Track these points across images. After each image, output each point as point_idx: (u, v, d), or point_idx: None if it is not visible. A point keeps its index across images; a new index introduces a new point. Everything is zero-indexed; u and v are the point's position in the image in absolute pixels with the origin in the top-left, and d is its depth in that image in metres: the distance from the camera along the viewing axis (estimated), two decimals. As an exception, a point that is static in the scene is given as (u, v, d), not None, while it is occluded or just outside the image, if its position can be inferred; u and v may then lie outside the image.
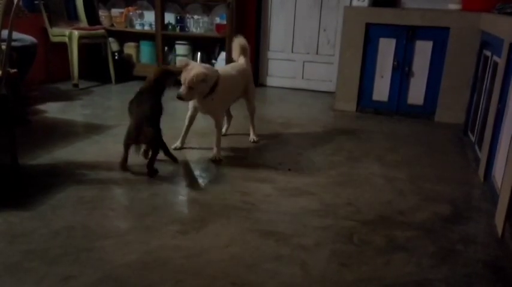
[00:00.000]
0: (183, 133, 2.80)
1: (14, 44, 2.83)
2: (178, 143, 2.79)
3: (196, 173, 2.53)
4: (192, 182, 2.39)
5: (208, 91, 2.55)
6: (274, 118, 3.73)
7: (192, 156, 2.75)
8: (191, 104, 2.71)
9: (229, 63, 3.15)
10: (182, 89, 2.46)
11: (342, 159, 2.80)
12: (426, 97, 3.80)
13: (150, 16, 4.84)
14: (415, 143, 3.22)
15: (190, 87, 2.45)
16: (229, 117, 3.18)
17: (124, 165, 2.40)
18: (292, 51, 4.86)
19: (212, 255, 1.68)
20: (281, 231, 1.88)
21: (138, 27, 4.90)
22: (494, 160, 2.33)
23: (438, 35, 3.65)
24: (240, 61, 2.98)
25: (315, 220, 1.99)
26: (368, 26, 3.79)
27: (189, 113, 2.76)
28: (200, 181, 2.41)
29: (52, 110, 3.59)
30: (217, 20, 4.73)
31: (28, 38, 3.48)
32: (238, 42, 2.98)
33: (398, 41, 3.75)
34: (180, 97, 2.46)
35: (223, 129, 3.06)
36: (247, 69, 2.98)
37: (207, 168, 2.58)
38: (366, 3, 4.03)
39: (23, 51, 3.38)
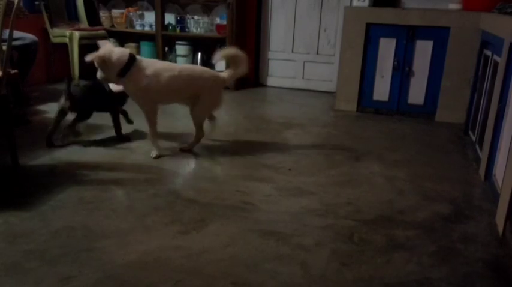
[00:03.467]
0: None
1: (14, 43, 2.84)
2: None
3: (196, 173, 2.53)
4: (192, 182, 2.39)
5: (115, 73, 2.55)
6: (274, 118, 3.73)
7: (191, 155, 2.75)
8: None
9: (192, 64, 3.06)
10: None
11: (342, 158, 2.79)
12: (427, 97, 3.80)
13: (150, 17, 4.85)
14: (415, 142, 3.22)
15: (99, 67, 2.59)
16: (211, 118, 2.94)
17: None
18: (292, 51, 4.86)
19: (212, 255, 1.68)
20: (281, 231, 1.88)
21: (138, 28, 4.91)
22: (494, 159, 2.33)
23: (438, 35, 3.65)
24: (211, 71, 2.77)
25: (315, 220, 1.99)
26: (368, 26, 3.79)
27: None
28: (200, 180, 2.41)
29: (52, 110, 3.55)
30: (218, 21, 4.74)
31: (29, 36, 3.49)
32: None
33: (399, 40, 3.75)
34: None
35: (207, 132, 2.87)
36: (206, 78, 2.69)
37: (207, 168, 2.58)
38: (366, 3, 4.03)
39: (24, 49, 3.39)
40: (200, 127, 2.76)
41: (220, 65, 4.69)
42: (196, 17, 4.80)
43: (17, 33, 2.99)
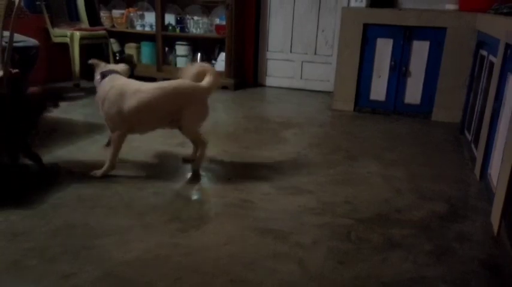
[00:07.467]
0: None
1: (16, 44, 2.85)
2: None
3: (195, 172, 2.54)
4: (191, 181, 2.40)
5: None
6: (272, 118, 3.75)
7: (189, 155, 2.76)
8: None
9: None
10: None
11: (340, 158, 2.81)
12: (423, 96, 3.82)
13: (150, 17, 4.87)
14: (412, 142, 3.24)
15: None
16: (199, 144, 2.52)
17: None
18: (290, 52, 4.88)
19: (211, 253, 1.70)
20: (279, 229, 1.90)
21: (138, 28, 4.93)
22: (490, 158, 2.35)
23: (435, 35, 3.67)
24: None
25: (313, 218, 2.01)
26: (365, 26, 3.81)
27: None
28: (199, 179, 2.43)
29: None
30: (217, 21, 4.76)
31: (31, 40, 3.50)
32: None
33: (396, 41, 3.78)
34: None
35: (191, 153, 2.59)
36: (188, 90, 2.37)
37: (206, 167, 2.59)
38: (363, 4, 4.06)
39: (25, 52, 3.40)
40: (198, 138, 2.50)
41: (220, 62, 4.72)
42: (195, 18, 4.82)
43: (19, 37, 3.01)
